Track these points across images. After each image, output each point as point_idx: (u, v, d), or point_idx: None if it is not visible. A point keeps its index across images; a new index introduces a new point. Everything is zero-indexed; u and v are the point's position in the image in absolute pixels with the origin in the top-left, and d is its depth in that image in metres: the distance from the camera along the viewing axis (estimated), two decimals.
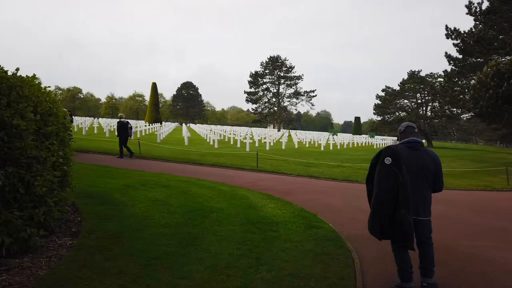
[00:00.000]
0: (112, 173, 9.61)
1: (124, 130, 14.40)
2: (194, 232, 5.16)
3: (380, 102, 69.08)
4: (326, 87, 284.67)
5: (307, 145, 33.19)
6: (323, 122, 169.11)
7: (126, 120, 15.22)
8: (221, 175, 11.43)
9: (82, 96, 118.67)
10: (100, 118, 70.96)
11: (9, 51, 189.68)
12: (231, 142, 28.39)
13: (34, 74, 5.26)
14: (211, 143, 24.67)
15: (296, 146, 29.60)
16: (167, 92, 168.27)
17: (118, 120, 14.98)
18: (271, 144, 30.26)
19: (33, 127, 4.25)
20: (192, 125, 71.59)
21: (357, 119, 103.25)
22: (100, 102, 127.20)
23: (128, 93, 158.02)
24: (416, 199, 3.69)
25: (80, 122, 33.46)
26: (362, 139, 54.41)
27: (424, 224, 3.77)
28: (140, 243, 4.62)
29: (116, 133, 14.89)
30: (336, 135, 69.03)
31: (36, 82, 5.17)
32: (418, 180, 3.69)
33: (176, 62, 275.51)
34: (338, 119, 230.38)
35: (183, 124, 61.91)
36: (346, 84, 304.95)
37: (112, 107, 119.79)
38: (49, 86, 5.63)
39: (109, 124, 32.20)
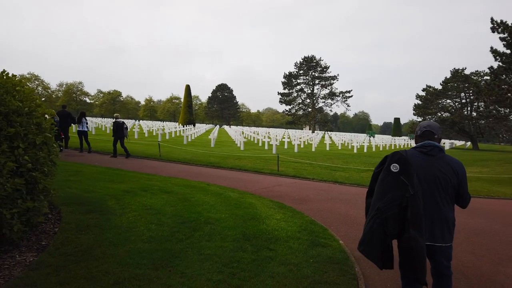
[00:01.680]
0: (119, 177, 9.17)
1: (120, 130, 14.42)
2: (176, 249, 4.48)
3: (420, 102, 65.91)
4: (364, 88, 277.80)
5: (339, 147, 31.85)
6: (360, 124, 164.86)
7: (122, 120, 15.14)
8: (236, 179, 10.74)
9: (122, 99, 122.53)
10: (141, 121, 72.85)
11: (57, 57, 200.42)
12: (260, 144, 27.70)
13: (3, 70, 4.83)
14: (238, 145, 24.09)
15: (327, 149, 28.42)
16: (204, 94, 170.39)
17: (114, 120, 14.91)
18: (301, 146, 29.26)
19: None
20: (226, 127, 71.72)
21: (397, 120, 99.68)
22: (140, 105, 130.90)
23: (166, 95, 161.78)
24: (433, 219, 2.86)
25: (111, 123, 34.01)
26: (402, 141, 51.97)
27: (443, 251, 2.91)
28: (108, 262, 4.00)
29: (112, 134, 14.78)
30: (373, 136, 66.64)
31: (6, 79, 4.74)
32: (434, 194, 2.86)
33: (212, 65, 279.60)
34: (377, 120, 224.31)
35: (216, 126, 62.05)
36: (385, 84, 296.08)
37: (150, 109, 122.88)
38: (25, 84, 5.21)
39: (136, 125, 32.43)
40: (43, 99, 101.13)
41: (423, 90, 66.07)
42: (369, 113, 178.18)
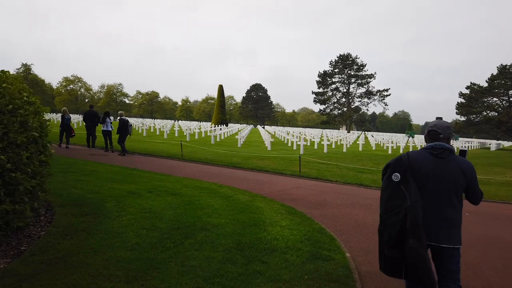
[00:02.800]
0: (131, 177, 8.98)
1: (125, 128, 14.57)
2: (159, 259, 4.09)
3: (464, 101, 62.57)
4: (404, 86, 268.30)
5: (373, 148, 30.58)
6: (400, 123, 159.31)
7: (126, 118, 15.20)
8: (254, 180, 10.29)
9: (160, 100, 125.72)
10: (177, 121, 74.14)
11: (99, 59, 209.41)
12: (289, 144, 27.10)
13: None
14: (267, 144, 23.62)
15: (360, 149, 27.32)
16: (239, 94, 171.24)
17: (119, 118, 15.01)
18: (333, 146, 28.33)
19: None
20: (259, 127, 71.48)
21: (439, 119, 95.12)
22: (177, 105, 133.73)
23: (202, 96, 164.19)
24: (440, 221, 2.82)
25: (142, 123, 34.64)
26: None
27: (448, 253, 2.83)
28: (80, 272, 3.67)
29: (117, 131, 14.85)
30: (413, 137, 64.05)
31: None
32: (443, 196, 2.84)
33: (248, 65, 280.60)
34: (417, 119, 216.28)
35: (249, 126, 61.92)
36: (427, 82, 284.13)
37: (186, 110, 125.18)
38: (17, 81, 5.04)
39: (166, 125, 32.79)
40: (87, 100, 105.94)
41: (467, 87, 62.70)
42: (410, 112, 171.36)
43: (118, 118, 15.05)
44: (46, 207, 5.88)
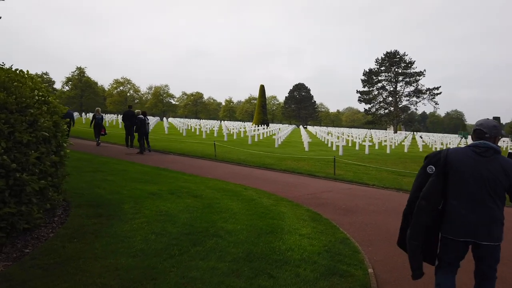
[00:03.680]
0: (158, 177, 8.89)
1: (143, 126, 14.66)
2: (159, 268, 3.82)
3: None
4: (457, 84, 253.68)
5: (420, 149, 28.89)
6: (453, 123, 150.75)
7: (143, 117, 15.20)
8: (284, 182, 9.87)
9: (204, 100, 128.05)
10: (220, 121, 75.11)
11: (147, 61, 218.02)
12: (329, 145, 26.27)
13: None
14: (305, 145, 23.03)
15: (406, 150, 25.90)
16: (283, 94, 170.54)
17: (137, 116, 15.06)
18: (376, 147, 27.11)
19: None
20: (300, 127, 70.55)
21: (496, 119, 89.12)
22: (221, 106, 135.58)
23: (245, 96, 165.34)
24: (478, 218, 2.83)
25: (182, 123, 35.12)
26: (500, 142, 45.92)
27: (488, 251, 2.87)
28: (73, 280, 3.48)
29: (134, 129, 15.02)
30: (466, 137, 60.35)
31: None
32: (480, 193, 2.84)
33: (292, 65, 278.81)
34: (472, 120, 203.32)
35: (290, 126, 61.16)
36: (483, 79, 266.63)
37: (229, 110, 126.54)
38: (31, 79, 5.01)
39: (205, 125, 33.05)
40: (136, 101, 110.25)
41: None
42: (464, 112, 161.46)
43: (137, 116, 15.18)
44: (64, 207, 5.85)
